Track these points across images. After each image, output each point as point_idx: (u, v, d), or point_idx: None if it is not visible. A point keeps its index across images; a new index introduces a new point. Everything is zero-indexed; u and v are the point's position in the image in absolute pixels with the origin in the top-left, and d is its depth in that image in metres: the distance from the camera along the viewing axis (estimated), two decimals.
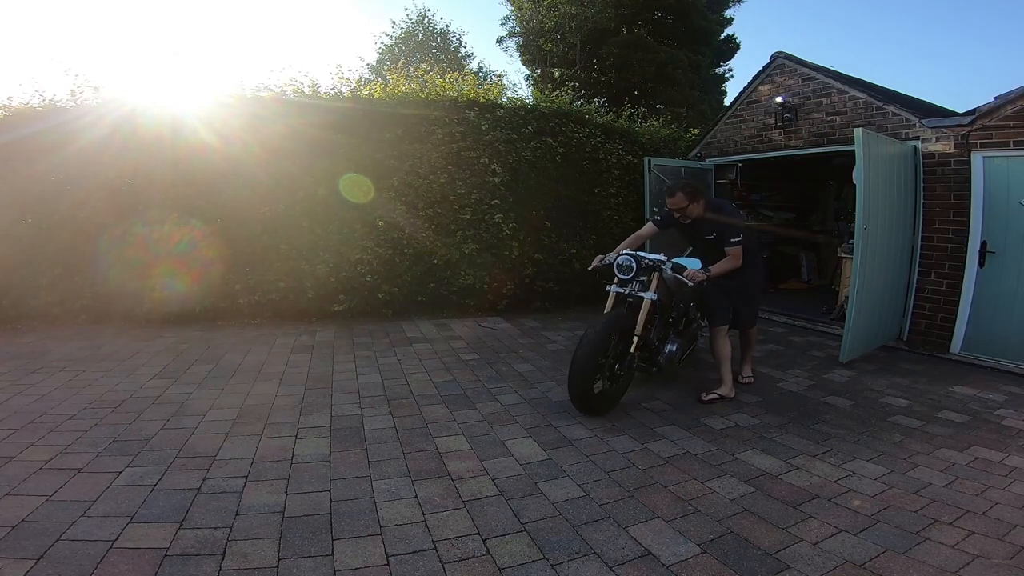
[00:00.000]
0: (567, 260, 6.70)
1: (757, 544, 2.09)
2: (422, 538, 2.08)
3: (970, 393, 3.88)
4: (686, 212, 3.62)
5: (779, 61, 6.24)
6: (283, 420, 3.20)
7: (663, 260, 3.47)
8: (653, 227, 3.97)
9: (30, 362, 4.23)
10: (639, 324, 3.35)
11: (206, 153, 5.46)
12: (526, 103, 6.94)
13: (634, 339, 3.35)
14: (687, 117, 12.09)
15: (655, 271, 3.48)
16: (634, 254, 3.52)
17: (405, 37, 22.56)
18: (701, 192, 3.70)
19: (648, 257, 3.50)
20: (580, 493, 2.47)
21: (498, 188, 6.29)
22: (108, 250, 5.43)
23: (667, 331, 3.80)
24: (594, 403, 3.30)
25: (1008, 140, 4.41)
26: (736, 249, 3.60)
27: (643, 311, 3.37)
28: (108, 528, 2.08)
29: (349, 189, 5.76)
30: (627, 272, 3.47)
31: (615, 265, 3.53)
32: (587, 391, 3.21)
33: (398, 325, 5.66)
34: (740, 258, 3.61)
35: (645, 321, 3.37)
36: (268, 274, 5.63)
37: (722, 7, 16.05)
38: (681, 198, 3.60)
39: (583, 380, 3.16)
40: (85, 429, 3.00)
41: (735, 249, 3.59)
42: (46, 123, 5.45)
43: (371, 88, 6.39)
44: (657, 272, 3.47)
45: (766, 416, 3.42)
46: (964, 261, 4.72)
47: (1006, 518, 2.25)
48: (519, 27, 16.54)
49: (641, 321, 3.35)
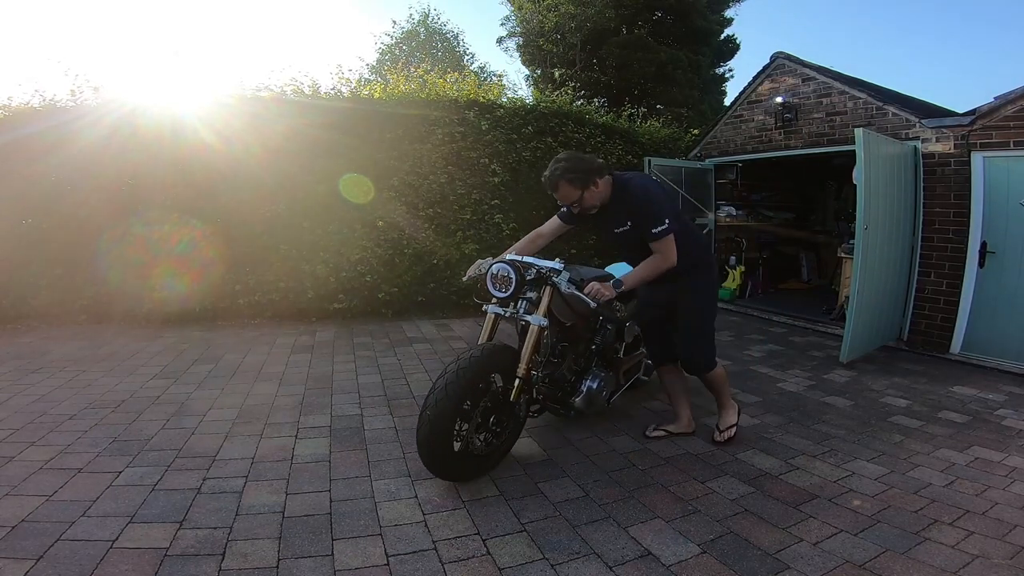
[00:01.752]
0: (567, 260, 6.69)
1: (757, 544, 2.09)
2: (422, 538, 2.08)
3: (970, 393, 3.88)
4: (583, 203, 2.63)
5: (779, 61, 6.24)
6: (283, 420, 3.20)
7: (556, 268, 2.58)
8: (558, 222, 2.92)
9: (30, 362, 4.23)
10: (523, 358, 2.50)
11: (206, 153, 5.47)
12: (526, 103, 6.95)
13: (516, 381, 2.50)
14: (687, 117, 12.09)
15: (546, 284, 2.58)
16: (515, 261, 2.59)
17: (406, 37, 22.60)
18: (597, 170, 2.61)
19: (537, 264, 2.62)
20: (580, 493, 2.47)
21: (498, 188, 6.30)
22: (108, 250, 5.44)
23: (588, 362, 3.02)
24: (454, 467, 2.41)
25: (1008, 140, 4.41)
26: (662, 243, 2.54)
27: (529, 341, 2.52)
28: (108, 528, 2.08)
29: (349, 189, 5.76)
30: (504, 287, 2.54)
31: (488, 277, 2.60)
32: (441, 451, 2.31)
33: (398, 325, 5.66)
34: (670, 255, 2.56)
35: (532, 353, 2.53)
36: (268, 274, 5.64)
37: (722, 7, 16.06)
38: (568, 190, 2.58)
39: (434, 436, 2.26)
40: (85, 429, 3.00)
41: (660, 243, 2.55)
42: (46, 123, 5.45)
43: (371, 88, 6.40)
44: (549, 286, 2.57)
45: (766, 416, 3.42)
46: (964, 261, 4.72)
47: (1006, 518, 2.25)
48: (519, 27, 16.54)
49: (526, 355, 2.50)
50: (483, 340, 2.65)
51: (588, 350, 3.03)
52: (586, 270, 3.10)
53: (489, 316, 2.71)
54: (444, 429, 2.27)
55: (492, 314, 2.70)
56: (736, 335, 5.57)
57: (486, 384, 2.46)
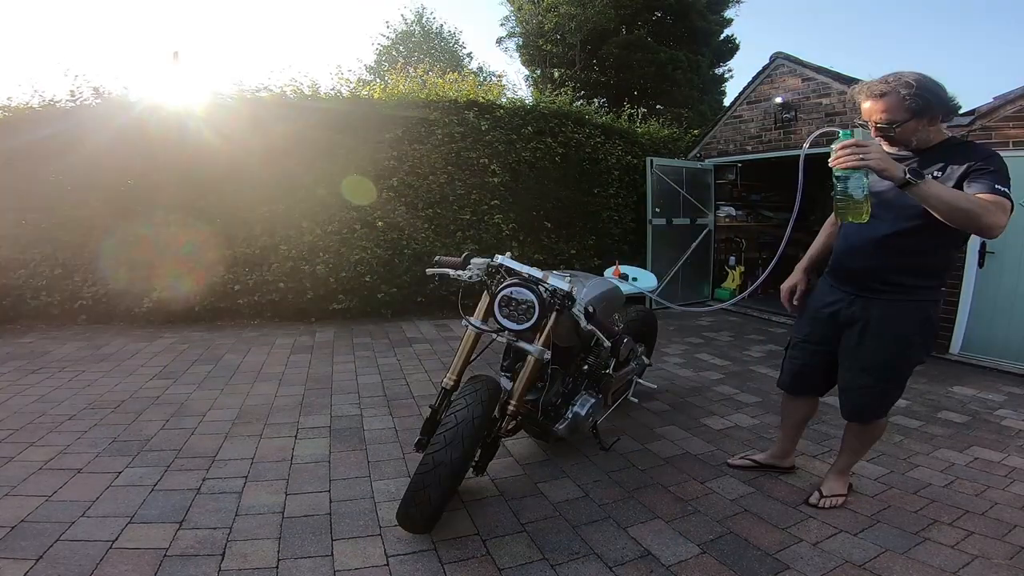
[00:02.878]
0: (567, 260, 6.71)
1: (757, 544, 2.09)
2: (422, 538, 2.08)
3: (969, 393, 3.88)
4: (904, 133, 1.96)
5: (779, 61, 6.25)
6: (283, 420, 3.20)
7: (566, 290, 2.13)
8: None
9: (30, 362, 4.23)
10: (516, 393, 2.20)
11: (206, 154, 5.47)
12: (526, 103, 6.95)
13: (508, 410, 2.20)
14: (687, 117, 12.10)
15: (554, 310, 2.17)
16: (533, 283, 2.14)
17: (402, 37, 22.62)
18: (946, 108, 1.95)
19: (551, 286, 2.14)
20: (580, 493, 2.47)
21: (498, 188, 6.30)
22: (108, 250, 5.45)
23: (578, 384, 2.66)
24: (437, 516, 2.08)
25: (1008, 140, 4.41)
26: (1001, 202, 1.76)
27: (524, 374, 2.20)
28: (108, 528, 2.08)
29: (349, 189, 5.76)
30: (522, 316, 2.11)
31: (498, 301, 2.14)
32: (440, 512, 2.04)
33: (398, 325, 5.66)
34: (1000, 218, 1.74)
35: (527, 387, 2.23)
36: (268, 274, 5.64)
37: (722, 7, 16.04)
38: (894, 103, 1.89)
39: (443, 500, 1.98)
40: (85, 429, 3.00)
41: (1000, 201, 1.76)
42: (46, 124, 5.46)
43: (371, 89, 6.40)
44: (555, 312, 2.17)
45: (766, 416, 3.42)
46: (964, 261, 4.72)
47: (1006, 518, 2.25)
48: (519, 27, 16.52)
49: (520, 390, 2.20)
50: (459, 362, 2.26)
51: (579, 371, 2.67)
52: (590, 283, 2.78)
53: (469, 333, 2.25)
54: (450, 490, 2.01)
55: (473, 331, 2.25)
56: (736, 335, 5.57)
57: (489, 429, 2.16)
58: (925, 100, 1.88)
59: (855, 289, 2.12)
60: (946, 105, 1.93)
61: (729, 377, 4.20)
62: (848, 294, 2.15)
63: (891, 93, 1.91)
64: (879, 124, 1.97)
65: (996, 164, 1.86)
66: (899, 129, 1.94)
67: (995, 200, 1.75)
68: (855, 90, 2.02)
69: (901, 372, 2.14)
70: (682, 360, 4.64)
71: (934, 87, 1.91)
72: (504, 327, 2.17)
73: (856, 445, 2.36)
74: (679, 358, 4.70)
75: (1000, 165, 1.86)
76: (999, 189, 1.78)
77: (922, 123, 1.93)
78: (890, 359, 2.09)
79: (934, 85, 1.91)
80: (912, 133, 1.95)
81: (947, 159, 1.92)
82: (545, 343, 2.20)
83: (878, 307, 2.06)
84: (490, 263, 2.34)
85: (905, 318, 2.03)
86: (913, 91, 1.87)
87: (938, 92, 1.91)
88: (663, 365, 4.46)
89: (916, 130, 1.94)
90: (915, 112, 1.89)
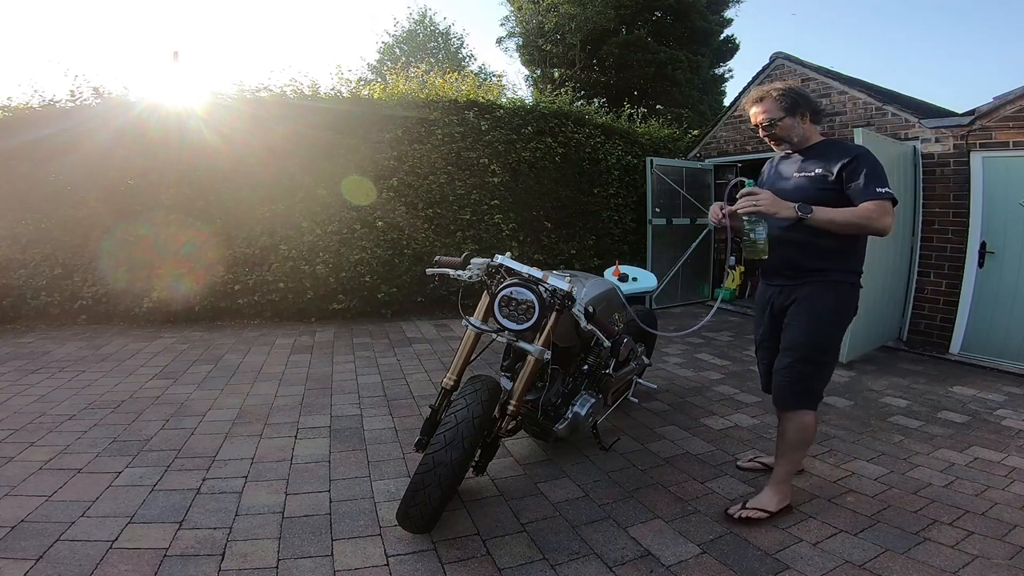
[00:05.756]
0: (567, 260, 6.71)
1: (757, 544, 2.09)
2: (422, 538, 2.08)
3: (969, 393, 3.88)
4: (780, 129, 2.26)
5: (779, 61, 6.24)
6: (283, 420, 3.20)
7: (566, 290, 2.13)
8: None
9: (30, 362, 4.23)
10: (516, 393, 2.20)
11: (206, 154, 5.47)
12: (526, 103, 6.95)
13: (508, 410, 2.20)
14: (687, 117, 12.10)
15: (554, 310, 2.17)
16: (533, 283, 2.15)
17: (406, 37, 22.64)
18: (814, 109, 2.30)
19: (551, 286, 2.15)
20: (580, 493, 2.47)
21: (498, 188, 6.30)
22: (108, 250, 5.45)
23: (578, 384, 2.66)
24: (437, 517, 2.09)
25: (1008, 140, 4.41)
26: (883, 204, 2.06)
27: (524, 374, 2.20)
28: (108, 528, 2.08)
29: (349, 189, 5.76)
30: (522, 316, 2.12)
31: (498, 301, 2.15)
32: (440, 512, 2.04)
33: (398, 325, 5.66)
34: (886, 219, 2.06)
35: (527, 387, 2.22)
36: (268, 274, 5.64)
37: (722, 8, 16.04)
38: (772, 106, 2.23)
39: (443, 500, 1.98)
40: (85, 429, 3.00)
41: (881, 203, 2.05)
42: (46, 124, 5.46)
43: (371, 88, 6.41)
44: (556, 312, 2.17)
45: (766, 416, 3.42)
46: (963, 261, 4.72)
47: (1006, 518, 2.25)
48: (519, 27, 16.52)
49: (520, 390, 2.20)
50: (459, 362, 2.25)
51: (579, 371, 2.68)
52: (590, 283, 2.80)
53: (469, 333, 2.26)
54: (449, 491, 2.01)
55: (473, 331, 2.25)
56: (736, 335, 5.57)
57: (489, 429, 2.16)
58: (793, 99, 2.22)
59: (782, 280, 2.34)
60: (811, 104, 2.28)
61: (729, 377, 4.20)
62: (777, 286, 2.38)
63: (767, 97, 2.26)
64: (763, 124, 2.28)
65: (867, 162, 2.12)
66: (779, 124, 2.24)
67: (878, 206, 2.04)
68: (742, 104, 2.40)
69: (816, 351, 2.23)
70: (682, 360, 4.64)
71: (800, 90, 2.30)
72: (504, 327, 2.19)
73: (783, 447, 2.31)
74: (679, 358, 4.70)
75: (871, 162, 2.12)
76: (879, 192, 2.05)
77: (796, 120, 2.24)
78: (806, 338, 2.22)
79: (800, 89, 2.32)
80: (791, 130, 2.25)
81: (825, 155, 2.21)
82: (545, 343, 2.20)
83: (799, 291, 2.27)
84: (490, 263, 2.35)
85: (818, 297, 2.22)
86: (782, 93, 2.23)
87: (804, 94, 2.28)
88: (663, 365, 4.46)
89: (793, 127, 2.25)
90: (787, 109, 2.22)
